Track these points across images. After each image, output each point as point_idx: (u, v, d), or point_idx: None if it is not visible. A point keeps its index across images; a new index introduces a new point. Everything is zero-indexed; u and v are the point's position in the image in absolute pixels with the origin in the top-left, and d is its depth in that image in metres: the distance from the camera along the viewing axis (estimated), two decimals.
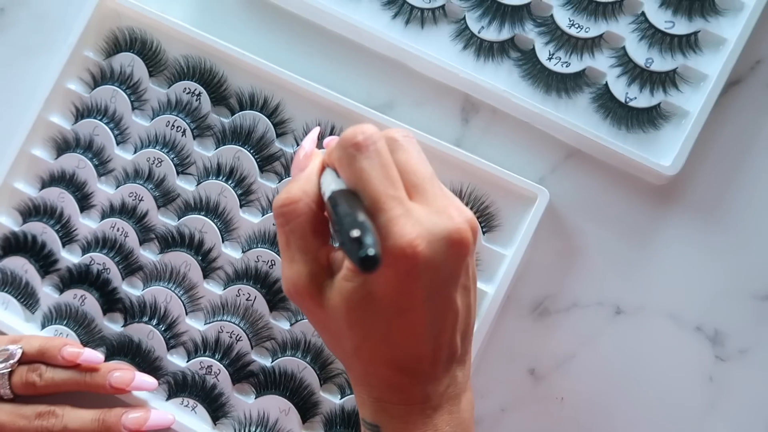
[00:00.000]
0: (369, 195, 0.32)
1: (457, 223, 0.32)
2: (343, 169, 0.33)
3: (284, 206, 0.34)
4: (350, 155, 0.32)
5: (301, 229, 0.33)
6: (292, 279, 0.34)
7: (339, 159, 0.33)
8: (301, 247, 0.33)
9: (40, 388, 0.43)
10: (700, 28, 0.45)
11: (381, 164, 0.32)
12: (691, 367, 0.45)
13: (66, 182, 0.49)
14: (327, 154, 0.35)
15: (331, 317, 0.33)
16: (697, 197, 0.46)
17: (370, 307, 0.32)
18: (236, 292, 0.47)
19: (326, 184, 0.34)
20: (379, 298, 0.32)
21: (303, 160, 0.37)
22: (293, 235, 0.34)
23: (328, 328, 0.35)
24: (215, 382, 0.46)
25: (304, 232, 0.33)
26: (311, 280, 0.33)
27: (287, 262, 0.34)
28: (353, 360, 0.35)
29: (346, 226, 0.29)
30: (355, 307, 0.32)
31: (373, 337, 0.33)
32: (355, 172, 0.32)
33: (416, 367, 0.33)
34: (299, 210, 0.33)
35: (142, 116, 0.49)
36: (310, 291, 0.33)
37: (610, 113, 0.46)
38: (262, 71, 0.47)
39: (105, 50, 0.50)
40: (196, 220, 0.47)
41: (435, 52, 0.47)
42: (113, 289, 0.48)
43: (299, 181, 0.35)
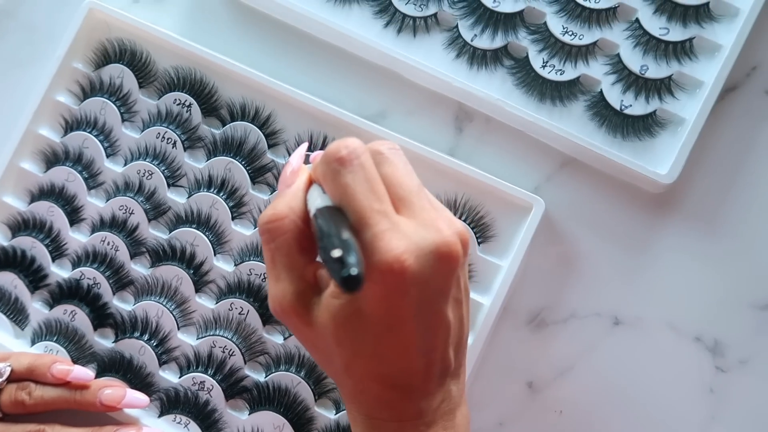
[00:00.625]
0: (354, 210, 0.31)
1: (445, 236, 0.31)
2: (328, 184, 0.32)
3: (270, 223, 0.33)
4: (334, 170, 0.32)
5: (287, 246, 0.33)
6: (277, 297, 0.33)
7: (323, 174, 0.33)
8: (287, 264, 0.33)
9: (29, 406, 0.43)
10: (695, 34, 0.45)
11: (365, 178, 0.31)
12: (691, 378, 0.45)
13: (55, 196, 0.48)
14: (313, 170, 0.35)
15: (320, 335, 0.33)
16: (694, 205, 0.45)
17: (358, 323, 0.31)
18: (229, 306, 0.46)
19: (312, 201, 0.33)
20: (368, 314, 0.31)
21: (290, 176, 0.36)
22: (279, 253, 0.33)
23: (317, 345, 0.34)
24: (208, 398, 0.46)
25: (289, 249, 0.33)
26: (297, 299, 0.33)
27: (273, 280, 0.33)
28: (343, 377, 0.34)
29: (329, 245, 0.28)
30: (344, 324, 0.32)
31: (362, 353, 0.32)
32: (339, 187, 0.32)
33: (408, 382, 0.33)
34: (285, 227, 0.33)
35: (132, 128, 0.48)
36: (296, 309, 0.33)
37: (605, 121, 0.45)
38: (253, 81, 0.47)
39: (94, 62, 0.49)
40: (188, 233, 0.47)
41: (427, 61, 0.46)
42: (104, 304, 0.47)
43: (285, 197, 0.34)
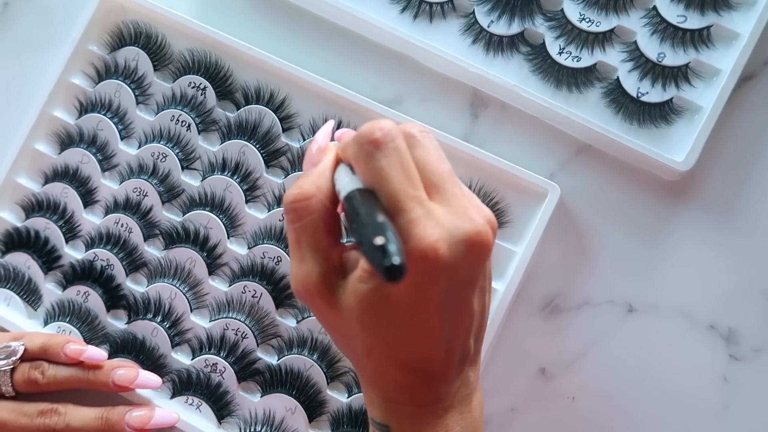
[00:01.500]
0: (388, 195, 0.30)
1: (477, 225, 0.31)
2: (360, 166, 0.32)
3: (296, 202, 0.32)
4: (368, 152, 0.31)
5: (314, 226, 0.32)
6: (302, 279, 0.32)
7: (356, 156, 0.32)
8: (313, 245, 0.32)
9: (42, 385, 0.43)
10: (713, 22, 0.45)
11: (400, 163, 0.31)
12: (705, 367, 0.45)
13: (69, 177, 0.48)
14: (341, 149, 0.34)
15: (343, 318, 0.32)
16: (709, 193, 0.45)
17: (385, 309, 0.31)
18: (242, 289, 0.46)
19: (341, 182, 0.32)
20: (395, 300, 0.31)
21: (316, 154, 0.35)
22: (304, 233, 0.32)
23: (339, 328, 0.34)
24: (220, 380, 0.46)
25: (316, 229, 0.32)
26: (323, 281, 0.32)
27: (297, 261, 0.33)
28: (364, 361, 0.34)
29: (369, 232, 0.27)
30: (369, 309, 0.31)
31: (386, 339, 0.32)
32: (373, 170, 0.31)
33: (429, 368, 0.33)
34: (312, 207, 0.32)
35: (146, 111, 0.48)
36: (321, 291, 0.32)
37: (622, 108, 0.45)
38: (268, 65, 0.47)
39: (109, 44, 0.49)
40: (202, 215, 0.47)
41: (444, 47, 0.46)
42: (117, 286, 0.47)
43: (312, 176, 0.33)
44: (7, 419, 0.42)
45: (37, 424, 0.42)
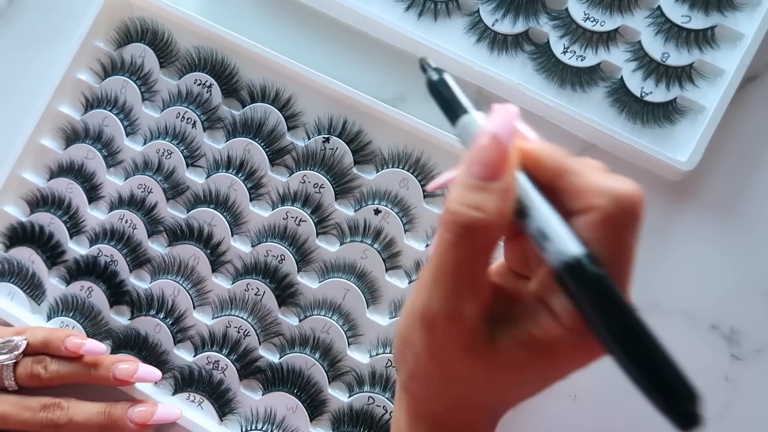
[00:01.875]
0: (621, 279, 0.26)
1: None
2: (607, 230, 0.25)
3: (478, 221, 0.25)
4: (625, 224, 0.25)
5: (487, 256, 0.26)
6: (452, 311, 0.26)
7: (609, 216, 0.25)
8: (476, 279, 0.26)
9: (45, 380, 0.43)
10: (717, 22, 0.45)
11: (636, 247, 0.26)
12: (706, 366, 0.44)
13: (74, 173, 0.49)
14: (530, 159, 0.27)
15: (471, 367, 0.27)
16: (712, 193, 0.45)
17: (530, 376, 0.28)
18: (245, 287, 0.46)
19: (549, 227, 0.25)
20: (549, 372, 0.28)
21: (495, 156, 0.26)
22: (473, 261, 0.26)
23: (450, 370, 0.28)
24: (222, 378, 0.46)
25: (486, 262, 0.26)
26: (478, 322, 0.26)
27: (449, 290, 0.26)
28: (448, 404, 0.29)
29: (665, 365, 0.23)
30: (517, 373, 0.27)
31: (505, 396, 0.29)
32: (626, 249, 0.26)
33: (503, 415, 0.31)
34: (493, 236, 0.26)
35: (152, 107, 0.49)
36: (470, 331, 0.26)
37: (625, 108, 0.45)
38: (273, 63, 0.47)
39: (116, 40, 0.49)
40: (206, 213, 0.47)
41: (448, 45, 0.46)
42: (120, 282, 0.47)
43: (493, 194, 0.26)
44: (10, 413, 0.42)
45: (39, 418, 0.42)
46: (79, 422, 0.42)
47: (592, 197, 0.25)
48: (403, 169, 0.46)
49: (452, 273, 0.26)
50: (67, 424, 0.42)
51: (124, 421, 0.42)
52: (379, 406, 0.44)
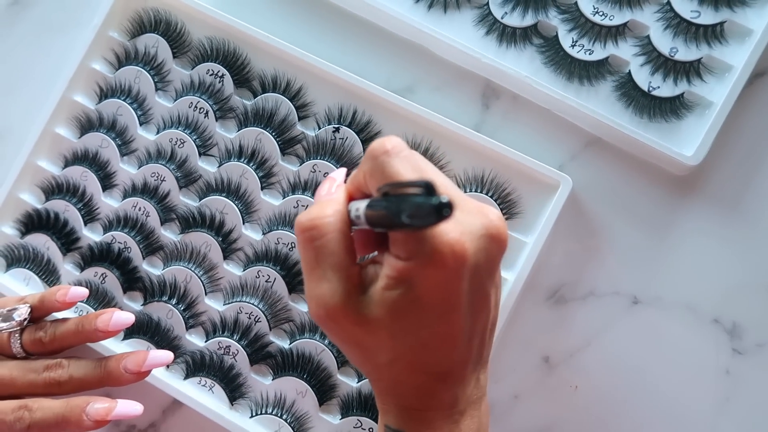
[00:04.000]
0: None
1: (492, 219, 0.32)
2: (376, 177, 0.32)
3: (315, 220, 0.32)
4: (383, 162, 0.32)
5: (334, 244, 0.32)
6: (324, 299, 0.32)
7: (372, 170, 0.33)
8: (334, 264, 0.32)
9: (46, 343, 0.44)
10: (726, 18, 0.45)
11: (413, 167, 0.32)
12: (708, 360, 0.45)
13: (89, 161, 0.50)
14: (352, 182, 0.35)
15: (369, 332, 0.32)
16: (718, 188, 0.46)
17: (415, 312, 0.31)
18: (256, 274, 0.47)
19: (359, 204, 0.33)
20: (425, 302, 0.31)
21: (329, 187, 0.37)
22: (324, 251, 0.32)
23: (362, 344, 0.33)
24: (233, 363, 0.47)
25: (336, 247, 0.32)
26: (348, 298, 0.32)
27: (315, 281, 0.32)
28: (385, 371, 0.34)
29: (405, 193, 0.28)
30: (399, 315, 0.31)
31: (413, 345, 0.32)
32: (390, 176, 0.32)
33: (449, 370, 0.33)
34: (331, 225, 0.32)
35: (165, 97, 0.49)
36: (346, 309, 0.32)
37: (633, 102, 0.46)
38: (285, 54, 0.47)
39: (130, 31, 0.50)
40: (218, 201, 0.48)
41: (457, 37, 0.47)
42: (134, 268, 0.48)
43: (326, 202, 0.34)
44: (17, 376, 0.43)
45: (43, 377, 0.43)
46: (79, 377, 0.43)
47: (362, 171, 0.34)
48: None
49: (313, 265, 0.32)
50: (68, 381, 0.43)
51: (119, 370, 0.43)
52: None
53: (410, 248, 0.30)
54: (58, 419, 0.42)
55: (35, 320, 0.45)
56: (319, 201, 0.35)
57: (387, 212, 0.29)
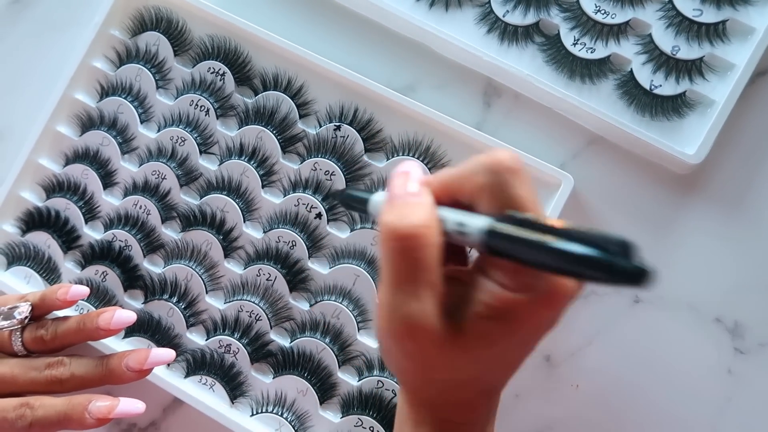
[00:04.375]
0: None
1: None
2: (496, 195, 0.29)
3: (416, 228, 0.28)
4: (507, 182, 0.29)
5: (432, 259, 0.29)
6: (412, 318, 0.28)
7: (491, 185, 0.29)
8: (429, 281, 0.29)
9: (47, 341, 0.44)
10: (729, 17, 0.45)
11: (534, 195, 0.29)
12: (710, 359, 0.45)
13: (90, 159, 0.49)
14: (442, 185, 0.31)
15: (445, 353, 0.30)
16: (720, 187, 0.46)
17: (504, 343, 0.30)
18: (257, 272, 0.47)
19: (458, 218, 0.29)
20: (520, 335, 0.29)
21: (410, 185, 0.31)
22: (421, 266, 0.28)
23: (429, 361, 0.30)
24: (234, 361, 0.47)
25: (434, 263, 0.29)
26: (438, 320, 0.29)
27: (404, 296, 0.29)
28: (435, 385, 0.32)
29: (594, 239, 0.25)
30: (489, 344, 0.29)
31: (486, 368, 0.31)
32: (516, 198, 0.29)
33: (499, 387, 0.33)
34: (432, 237, 0.29)
35: (166, 95, 0.49)
36: (433, 332, 0.29)
37: (635, 100, 0.46)
38: (286, 52, 0.47)
39: (131, 29, 0.50)
40: (218, 199, 0.48)
41: (459, 35, 0.47)
42: (135, 266, 0.48)
43: (421, 207, 0.30)
44: (18, 374, 0.43)
45: (45, 375, 0.43)
46: (80, 375, 0.43)
47: (475, 180, 0.30)
48: (414, 157, 0.46)
49: (407, 279, 0.29)
50: (69, 379, 0.43)
51: (121, 369, 0.43)
52: (388, 390, 0.45)
53: (523, 281, 0.28)
54: (60, 417, 0.42)
55: (36, 318, 0.45)
56: (405, 202, 0.30)
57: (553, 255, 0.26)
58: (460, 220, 0.29)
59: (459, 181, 0.31)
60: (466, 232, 0.29)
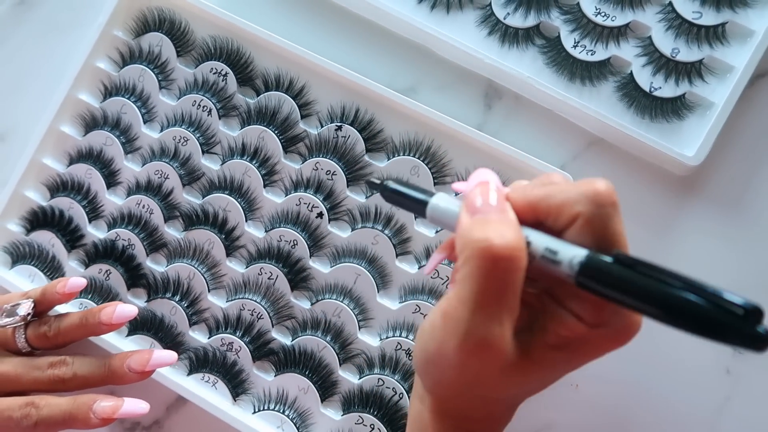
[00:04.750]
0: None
1: None
2: (596, 229, 0.28)
3: (516, 250, 0.27)
4: (610, 216, 0.28)
5: (520, 284, 0.27)
6: (487, 342, 0.28)
7: (591, 216, 0.28)
8: (513, 307, 0.28)
9: (50, 337, 0.44)
10: (728, 19, 0.45)
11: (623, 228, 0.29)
12: (708, 359, 0.45)
13: (93, 159, 0.50)
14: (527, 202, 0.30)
15: (508, 377, 0.29)
16: (719, 189, 0.46)
17: (562, 370, 0.30)
18: (258, 271, 0.47)
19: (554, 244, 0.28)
20: (579, 362, 0.30)
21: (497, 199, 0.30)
22: (512, 290, 0.27)
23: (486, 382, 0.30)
24: (236, 359, 0.47)
25: (520, 288, 0.28)
26: (512, 344, 0.28)
27: (485, 318, 0.27)
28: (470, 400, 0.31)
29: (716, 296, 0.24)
30: (552, 371, 0.30)
31: (533, 389, 0.31)
32: (614, 235, 0.28)
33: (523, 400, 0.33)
34: (524, 261, 0.27)
35: (169, 95, 0.50)
36: (507, 355, 0.28)
37: (634, 102, 0.46)
38: (288, 53, 0.48)
39: (134, 30, 0.50)
40: (221, 198, 0.48)
41: (459, 37, 0.47)
42: (137, 265, 0.49)
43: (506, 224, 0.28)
44: (21, 373, 0.44)
45: (48, 374, 0.44)
46: (83, 375, 0.44)
47: (572, 207, 0.28)
48: (414, 157, 0.47)
49: (493, 300, 0.27)
50: (72, 378, 0.44)
51: (123, 369, 0.44)
52: (389, 388, 0.45)
53: (602, 316, 0.28)
54: (65, 416, 0.42)
55: (39, 315, 0.46)
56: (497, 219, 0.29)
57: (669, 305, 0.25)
58: (553, 247, 0.28)
59: (550, 203, 0.29)
60: (556, 261, 0.28)
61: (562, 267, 0.28)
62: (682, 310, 0.25)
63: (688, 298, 0.25)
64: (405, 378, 0.46)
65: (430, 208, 0.32)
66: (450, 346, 0.28)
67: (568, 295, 0.29)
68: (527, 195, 0.30)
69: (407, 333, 0.46)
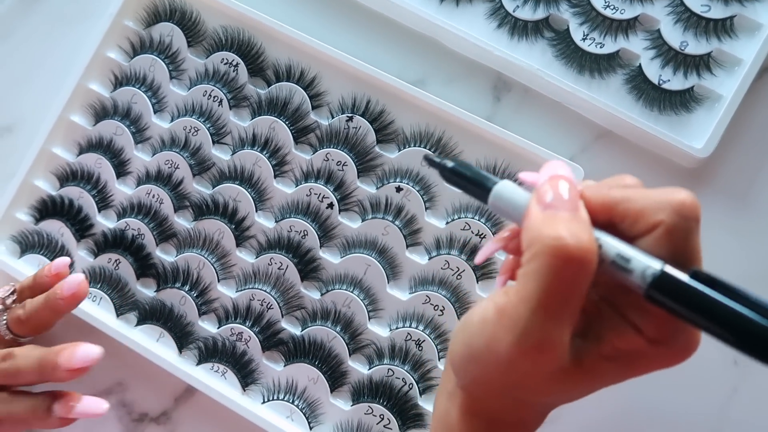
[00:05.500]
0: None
1: None
2: (678, 241, 0.27)
3: (588, 253, 0.26)
4: (690, 229, 0.27)
5: (587, 288, 0.26)
6: (549, 343, 0.26)
7: (674, 227, 0.26)
8: (575, 312, 0.27)
9: (24, 321, 0.44)
10: (737, 12, 0.46)
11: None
12: (716, 350, 0.45)
13: (103, 148, 0.50)
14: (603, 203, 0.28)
15: (555, 383, 0.28)
16: (727, 181, 0.46)
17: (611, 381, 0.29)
18: (268, 261, 0.47)
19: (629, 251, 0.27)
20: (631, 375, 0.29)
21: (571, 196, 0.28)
22: (579, 294, 0.26)
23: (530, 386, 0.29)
24: (245, 349, 0.47)
25: (585, 293, 0.26)
26: (569, 350, 0.27)
27: (546, 321, 0.26)
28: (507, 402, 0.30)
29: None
30: (601, 382, 0.29)
31: (573, 398, 0.30)
32: (693, 251, 0.27)
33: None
34: (594, 265, 0.26)
35: (179, 85, 0.50)
36: (563, 361, 0.27)
37: (643, 95, 0.46)
38: (299, 43, 0.48)
39: (145, 20, 0.50)
40: (231, 188, 0.48)
41: (469, 30, 0.47)
42: (147, 255, 0.49)
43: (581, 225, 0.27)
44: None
45: (1, 368, 0.43)
46: (23, 369, 0.42)
47: (653, 215, 0.27)
48: (425, 148, 0.47)
49: (560, 302, 0.26)
50: (15, 373, 0.42)
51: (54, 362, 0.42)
52: (398, 378, 0.45)
53: (665, 333, 0.27)
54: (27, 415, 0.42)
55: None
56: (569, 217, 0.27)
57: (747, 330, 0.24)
58: (626, 254, 0.27)
59: (629, 207, 0.28)
60: (627, 269, 0.26)
61: (633, 276, 0.26)
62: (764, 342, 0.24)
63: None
64: (414, 368, 0.46)
65: (494, 195, 0.30)
66: (503, 344, 0.27)
67: (631, 305, 0.28)
68: (604, 195, 0.28)
69: (417, 324, 0.46)
